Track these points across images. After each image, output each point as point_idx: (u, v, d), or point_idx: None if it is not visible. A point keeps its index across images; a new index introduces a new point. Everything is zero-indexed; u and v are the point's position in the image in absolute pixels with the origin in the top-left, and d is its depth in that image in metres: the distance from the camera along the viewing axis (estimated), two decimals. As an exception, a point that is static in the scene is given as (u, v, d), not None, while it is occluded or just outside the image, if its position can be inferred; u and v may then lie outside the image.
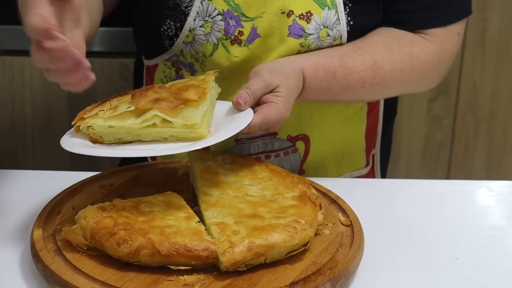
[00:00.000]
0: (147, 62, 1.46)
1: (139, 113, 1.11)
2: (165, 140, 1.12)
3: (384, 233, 1.19)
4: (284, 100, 1.20)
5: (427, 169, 2.40)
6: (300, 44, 1.33)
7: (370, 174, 1.58)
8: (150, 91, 1.14)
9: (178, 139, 1.12)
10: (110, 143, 1.12)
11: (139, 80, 1.54)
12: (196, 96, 1.13)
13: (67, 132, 1.15)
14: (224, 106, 1.21)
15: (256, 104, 1.20)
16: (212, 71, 1.23)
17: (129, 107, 1.11)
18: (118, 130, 1.11)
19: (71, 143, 1.12)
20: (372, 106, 1.51)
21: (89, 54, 2.22)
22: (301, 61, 1.29)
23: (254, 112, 1.16)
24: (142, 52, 1.50)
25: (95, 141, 1.13)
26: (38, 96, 2.14)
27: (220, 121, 1.17)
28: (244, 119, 1.14)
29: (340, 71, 1.31)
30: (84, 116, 1.12)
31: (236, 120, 1.15)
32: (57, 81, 1.06)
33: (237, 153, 1.40)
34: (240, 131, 1.12)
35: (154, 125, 1.11)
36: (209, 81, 1.18)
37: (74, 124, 1.13)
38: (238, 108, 1.16)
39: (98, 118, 1.11)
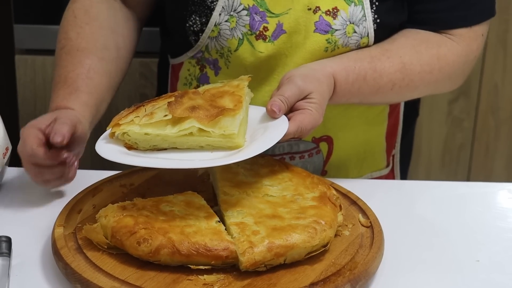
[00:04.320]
0: (172, 61, 1.47)
1: (175, 121, 1.11)
2: (200, 148, 1.12)
3: (404, 234, 1.19)
4: (318, 106, 1.20)
5: (447, 171, 2.38)
6: (326, 40, 1.33)
7: (390, 175, 1.58)
8: (185, 97, 1.13)
9: (214, 148, 1.11)
10: (145, 150, 1.13)
11: (163, 80, 1.54)
12: (232, 104, 1.12)
13: (101, 137, 1.15)
14: (257, 111, 1.20)
15: (289, 111, 1.19)
16: (246, 76, 1.22)
17: (166, 115, 1.11)
18: (153, 137, 1.11)
19: (107, 149, 1.11)
20: (393, 108, 1.51)
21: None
22: (331, 65, 1.29)
23: (289, 120, 1.16)
24: (168, 50, 1.50)
25: (130, 147, 1.13)
26: (59, 95, 2.15)
27: (254, 129, 1.16)
28: (280, 128, 1.13)
29: (370, 74, 1.31)
30: (120, 122, 1.12)
31: (271, 129, 1.14)
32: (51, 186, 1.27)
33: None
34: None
35: (190, 134, 1.10)
36: (243, 88, 1.17)
37: (109, 129, 1.13)
38: (272, 116, 1.16)
39: (134, 125, 1.11)
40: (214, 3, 1.33)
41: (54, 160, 1.20)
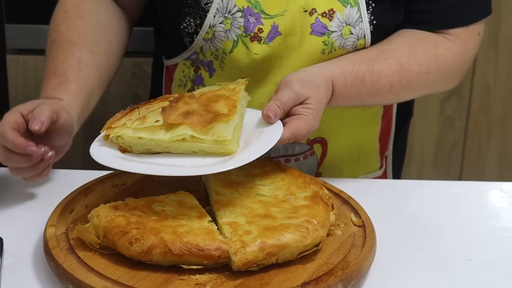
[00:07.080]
0: (167, 62, 1.46)
1: (169, 126, 1.10)
2: (193, 153, 1.12)
3: (396, 233, 1.19)
4: (314, 112, 1.19)
5: (439, 170, 2.39)
6: (323, 42, 1.33)
7: (383, 176, 1.58)
8: (181, 102, 1.13)
9: (207, 154, 1.11)
10: (139, 153, 1.12)
11: (157, 81, 1.54)
12: (226, 109, 1.12)
13: (96, 139, 1.15)
14: (253, 115, 1.19)
15: (286, 115, 1.19)
16: (243, 80, 1.22)
17: (157, 120, 1.11)
18: (147, 141, 1.11)
19: (101, 153, 1.11)
20: (386, 109, 1.51)
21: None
22: (329, 69, 1.29)
23: (284, 125, 1.15)
24: (162, 52, 1.50)
25: (124, 150, 1.13)
26: (51, 95, 2.14)
27: (249, 133, 1.16)
28: (274, 134, 1.13)
29: (368, 76, 1.31)
30: (113, 126, 1.12)
31: (265, 134, 1.13)
32: (22, 176, 1.21)
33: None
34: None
35: (183, 139, 1.10)
36: (239, 92, 1.17)
37: (103, 132, 1.13)
38: (268, 121, 1.16)
39: (127, 128, 1.11)
40: (209, 4, 1.33)
41: (23, 149, 1.14)
